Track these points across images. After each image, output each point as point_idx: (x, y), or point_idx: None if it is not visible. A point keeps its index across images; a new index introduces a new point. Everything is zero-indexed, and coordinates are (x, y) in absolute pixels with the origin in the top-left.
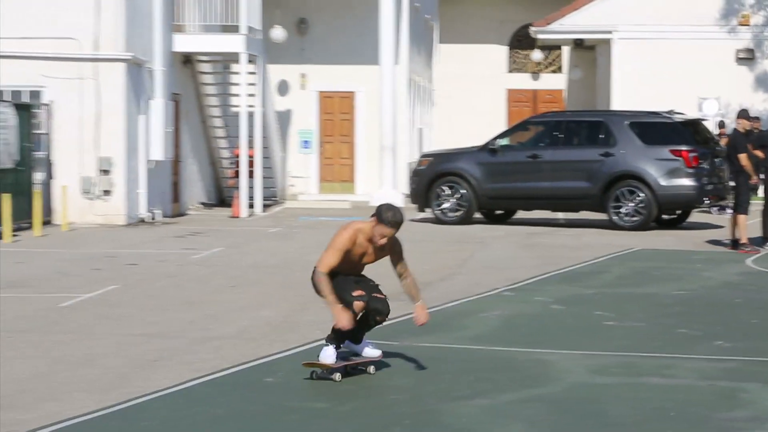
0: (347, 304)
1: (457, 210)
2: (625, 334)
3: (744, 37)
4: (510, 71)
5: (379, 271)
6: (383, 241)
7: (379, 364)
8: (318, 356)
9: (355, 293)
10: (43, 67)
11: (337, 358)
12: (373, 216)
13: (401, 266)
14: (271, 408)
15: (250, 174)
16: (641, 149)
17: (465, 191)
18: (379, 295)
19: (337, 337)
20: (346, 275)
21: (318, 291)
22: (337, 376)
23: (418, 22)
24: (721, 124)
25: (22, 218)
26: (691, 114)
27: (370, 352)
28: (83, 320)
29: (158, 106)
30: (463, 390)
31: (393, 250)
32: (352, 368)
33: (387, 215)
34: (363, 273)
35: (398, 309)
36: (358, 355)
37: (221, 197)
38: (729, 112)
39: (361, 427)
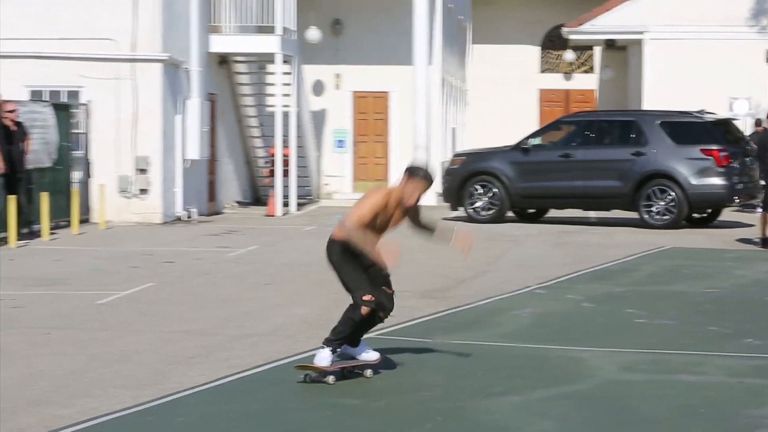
0: (355, 303)
1: (489, 209)
2: (656, 331)
3: None
4: (542, 71)
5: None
6: (414, 198)
7: (377, 367)
8: (314, 359)
9: (366, 297)
10: (81, 67)
11: (333, 360)
12: (403, 176)
13: (422, 220)
14: (306, 404)
15: (285, 173)
16: (672, 149)
17: (497, 190)
18: (387, 290)
19: (334, 339)
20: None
21: (340, 254)
22: (331, 378)
23: (452, 23)
24: (758, 122)
25: (60, 216)
26: (722, 114)
27: (367, 356)
28: (120, 317)
29: (194, 106)
30: (494, 387)
31: (415, 211)
32: (348, 371)
33: (420, 172)
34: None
35: (430, 306)
36: (354, 358)
37: (256, 196)
38: (759, 112)
39: (394, 423)
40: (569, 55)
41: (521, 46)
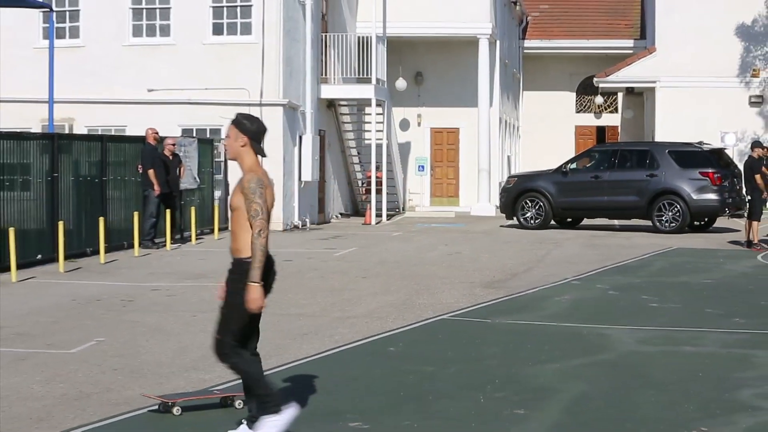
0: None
1: (536, 218)
2: (665, 313)
3: (755, 86)
4: (577, 112)
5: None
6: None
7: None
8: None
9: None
10: (221, 110)
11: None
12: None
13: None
14: (394, 370)
15: (378, 191)
16: (678, 171)
17: (543, 204)
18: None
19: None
20: None
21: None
22: (177, 410)
23: (508, 74)
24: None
25: (205, 225)
26: (716, 144)
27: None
28: None
29: (308, 140)
30: (540, 356)
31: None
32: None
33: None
34: None
35: (490, 294)
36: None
37: (356, 209)
38: (746, 142)
39: (463, 385)
40: (599, 99)
41: (561, 92)
